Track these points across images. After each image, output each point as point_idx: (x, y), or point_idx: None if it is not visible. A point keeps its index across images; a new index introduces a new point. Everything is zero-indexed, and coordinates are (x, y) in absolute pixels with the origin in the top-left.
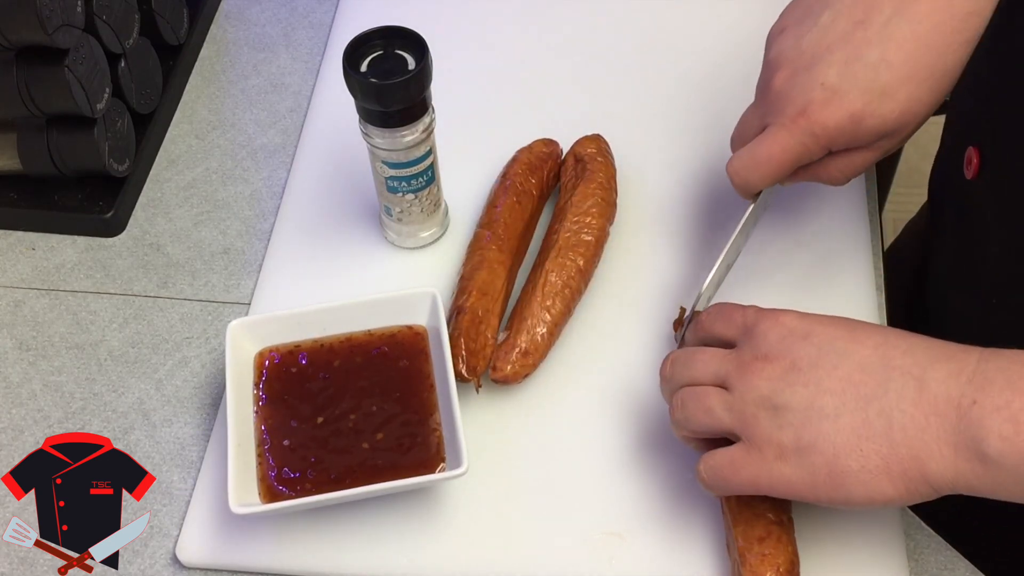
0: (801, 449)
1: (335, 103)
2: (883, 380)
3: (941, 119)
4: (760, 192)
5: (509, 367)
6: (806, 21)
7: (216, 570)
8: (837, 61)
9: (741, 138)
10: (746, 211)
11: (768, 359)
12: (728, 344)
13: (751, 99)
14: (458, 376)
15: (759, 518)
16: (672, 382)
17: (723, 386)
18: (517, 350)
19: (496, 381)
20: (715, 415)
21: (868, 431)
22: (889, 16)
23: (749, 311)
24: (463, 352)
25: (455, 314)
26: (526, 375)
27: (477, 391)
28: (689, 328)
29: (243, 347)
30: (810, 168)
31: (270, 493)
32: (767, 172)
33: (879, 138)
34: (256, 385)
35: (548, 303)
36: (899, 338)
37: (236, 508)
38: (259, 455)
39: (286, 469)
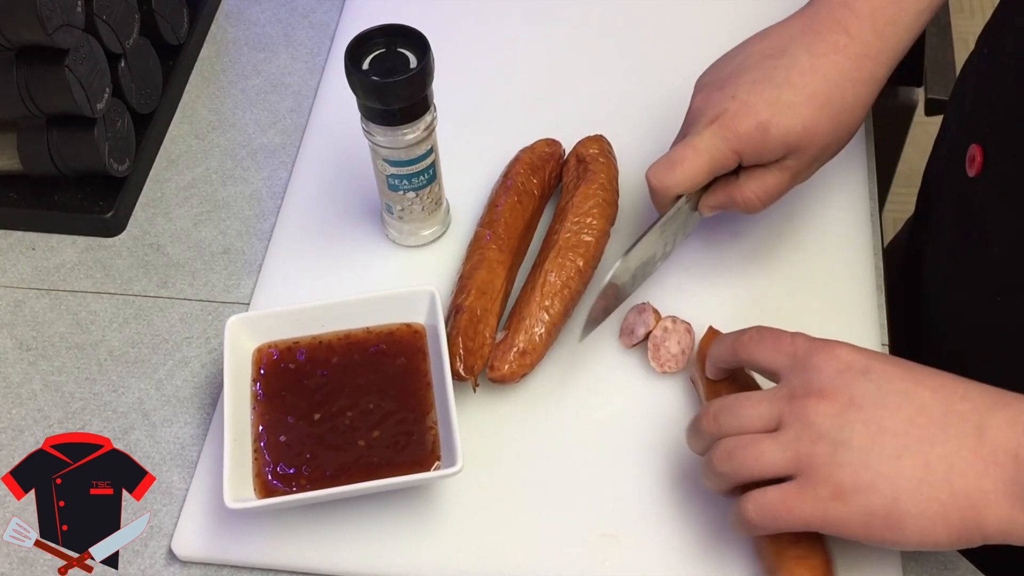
0: (860, 489)
1: (338, 102)
2: (943, 425)
3: (940, 119)
4: (678, 198)
5: (507, 367)
6: (721, 62)
7: (212, 565)
8: (747, 81)
9: None
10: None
11: (824, 395)
12: (768, 371)
13: None
14: (455, 375)
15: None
16: (719, 434)
17: (773, 428)
18: (515, 350)
19: (493, 380)
20: (766, 459)
21: (929, 476)
22: (796, 52)
23: (799, 340)
24: (461, 351)
25: (454, 313)
26: (523, 375)
27: (474, 390)
28: (722, 347)
29: (241, 343)
30: (727, 189)
31: (265, 489)
32: (682, 173)
33: (785, 151)
34: (254, 381)
35: (547, 303)
36: (955, 382)
37: (231, 503)
38: (255, 451)
39: (282, 465)
